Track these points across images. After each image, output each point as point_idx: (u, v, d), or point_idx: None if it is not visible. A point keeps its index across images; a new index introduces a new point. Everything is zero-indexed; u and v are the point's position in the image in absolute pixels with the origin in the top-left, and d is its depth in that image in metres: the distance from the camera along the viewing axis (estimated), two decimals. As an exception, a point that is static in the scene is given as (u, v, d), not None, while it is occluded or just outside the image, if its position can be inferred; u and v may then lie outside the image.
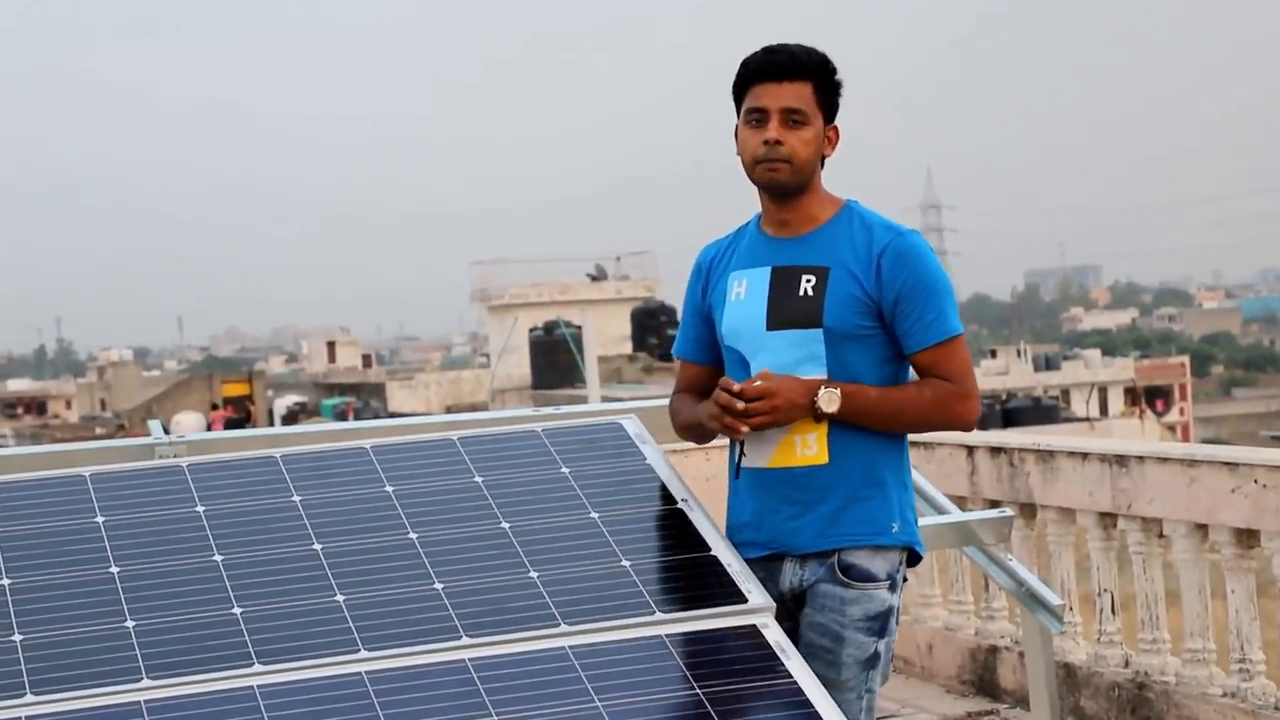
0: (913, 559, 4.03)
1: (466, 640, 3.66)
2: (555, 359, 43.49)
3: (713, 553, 3.96)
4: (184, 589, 3.74)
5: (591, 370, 26.68)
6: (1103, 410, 57.63)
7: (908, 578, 4.06)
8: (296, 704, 3.46)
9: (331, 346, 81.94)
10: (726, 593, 3.85)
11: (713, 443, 4.23)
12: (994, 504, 7.68)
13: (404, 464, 4.19)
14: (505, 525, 4.00)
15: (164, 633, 3.61)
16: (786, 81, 3.92)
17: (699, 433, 4.11)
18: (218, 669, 3.53)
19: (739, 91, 4.00)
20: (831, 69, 3.97)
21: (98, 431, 57.16)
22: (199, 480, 4.08)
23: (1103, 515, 7.17)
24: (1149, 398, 60.70)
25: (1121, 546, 7.20)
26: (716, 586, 3.87)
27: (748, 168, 3.98)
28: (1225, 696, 6.52)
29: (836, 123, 4.01)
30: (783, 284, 3.96)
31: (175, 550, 3.85)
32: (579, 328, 34.07)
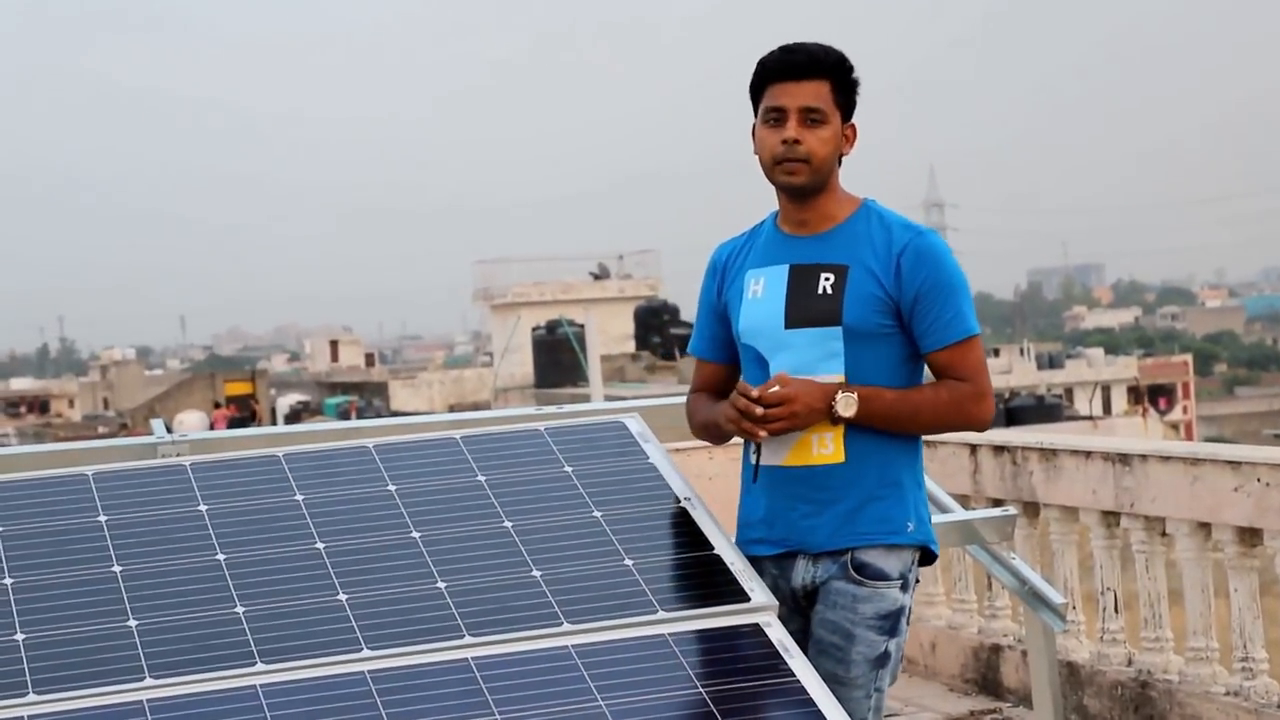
0: (927, 558, 4.03)
1: (469, 639, 3.65)
2: (558, 358, 43.51)
3: (715, 551, 3.95)
4: (186, 588, 3.74)
5: (594, 369, 26.70)
6: (1106, 409, 57.61)
7: (919, 579, 4.05)
8: (299, 703, 3.46)
9: (334, 345, 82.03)
10: (729, 591, 3.85)
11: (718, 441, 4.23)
12: (997, 503, 7.67)
13: (406, 463, 4.19)
14: (508, 524, 4.00)
15: (166, 632, 3.61)
16: (805, 80, 3.92)
17: (716, 433, 4.10)
18: (220, 668, 3.53)
19: (756, 91, 3.99)
20: (849, 67, 3.97)
21: (100, 430, 57.15)
22: (201, 479, 4.08)
23: (1106, 514, 7.16)
24: (1152, 396, 60.67)
25: (1124, 545, 7.19)
26: (719, 585, 3.87)
27: (766, 167, 3.97)
28: (1228, 695, 6.52)
29: (854, 121, 4.01)
30: (801, 282, 3.95)
31: (178, 549, 3.85)
32: (582, 327, 34.11)
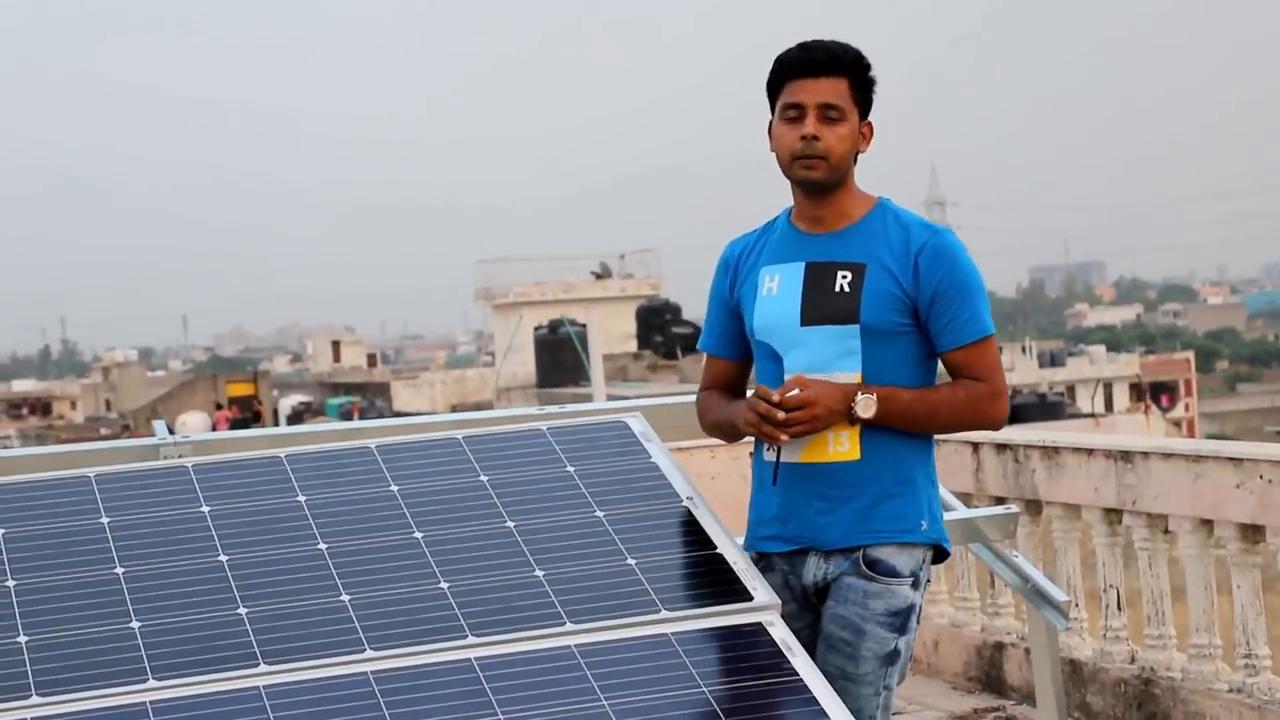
0: (939, 556, 4.03)
1: (472, 639, 3.65)
2: (560, 357, 43.51)
3: (718, 551, 3.95)
4: (189, 589, 3.73)
5: (596, 368, 26.66)
6: (1108, 406, 57.62)
7: (930, 579, 4.04)
8: (302, 704, 3.46)
9: (336, 346, 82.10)
10: (732, 591, 3.84)
11: (716, 440, 4.22)
12: (999, 500, 7.67)
13: (409, 463, 4.18)
14: (510, 524, 4.00)
15: (169, 633, 3.61)
16: (823, 77, 3.91)
17: (730, 432, 4.09)
18: (223, 669, 3.53)
19: (773, 88, 3.98)
20: (866, 65, 3.96)
21: (102, 432, 57.21)
22: (204, 480, 4.08)
23: (1108, 511, 7.16)
24: (1154, 394, 60.70)
25: (1127, 542, 7.20)
26: (722, 584, 3.87)
27: (784, 163, 3.96)
28: (1231, 692, 6.52)
29: (870, 119, 4.00)
30: (817, 279, 3.94)
31: (180, 551, 3.85)
32: (583, 326, 34.09)
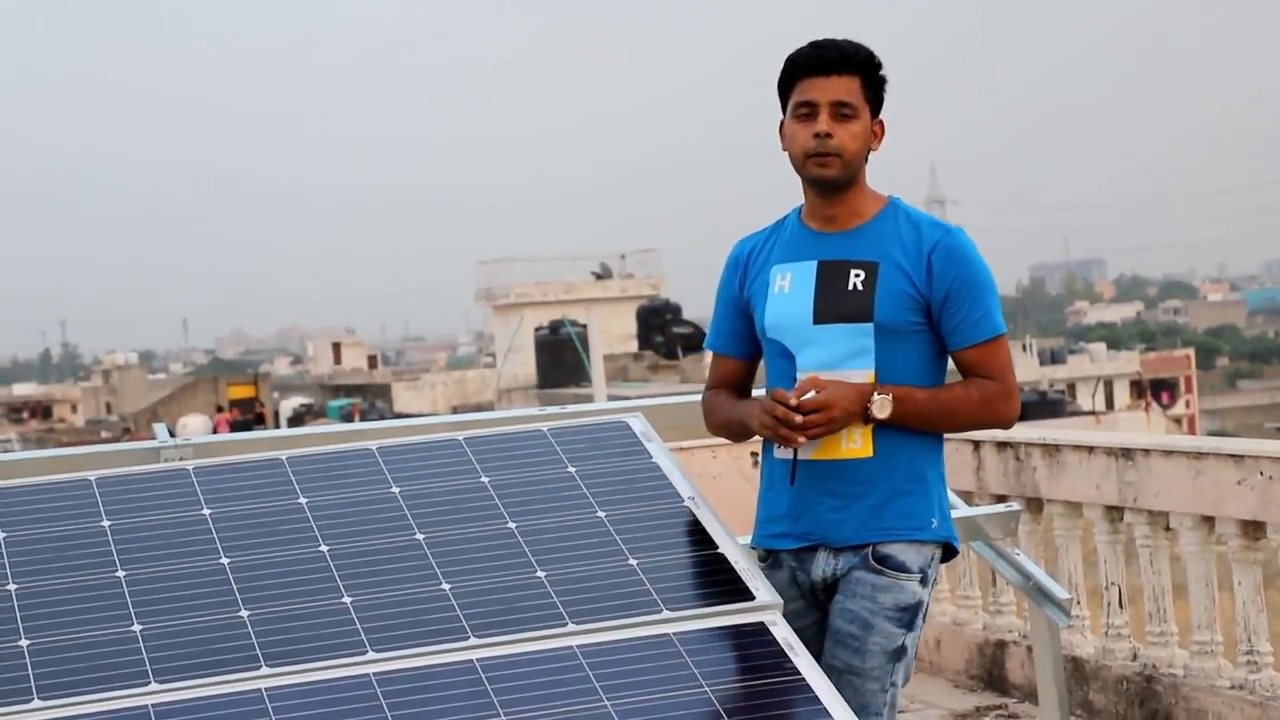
0: (947, 554, 4.03)
1: (474, 640, 3.65)
2: (561, 358, 43.52)
3: (720, 550, 3.95)
4: (191, 592, 3.73)
5: (597, 369, 26.65)
6: (1108, 404, 57.66)
7: (938, 578, 4.04)
8: (305, 706, 3.45)
9: (337, 348, 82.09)
10: (734, 590, 3.84)
11: (717, 439, 4.22)
12: (1000, 498, 7.67)
13: (410, 465, 4.18)
14: (512, 525, 4.00)
15: (171, 636, 3.61)
16: (835, 75, 3.91)
17: (739, 431, 4.09)
18: (225, 672, 3.52)
19: (785, 87, 3.98)
20: (878, 64, 3.97)
21: (103, 435, 57.17)
22: (205, 483, 4.07)
23: (1109, 509, 7.16)
24: (1154, 391, 60.70)
25: (1128, 540, 7.20)
26: (724, 584, 3.86)
27: (797, 161, 3.96)
28: (1233, 688, 6.51)
29: (881, 118, 4.00)
30: (830, 278, 3.94)
31: (181, 553, 3.85)
32: (584, 326, 34.07)
